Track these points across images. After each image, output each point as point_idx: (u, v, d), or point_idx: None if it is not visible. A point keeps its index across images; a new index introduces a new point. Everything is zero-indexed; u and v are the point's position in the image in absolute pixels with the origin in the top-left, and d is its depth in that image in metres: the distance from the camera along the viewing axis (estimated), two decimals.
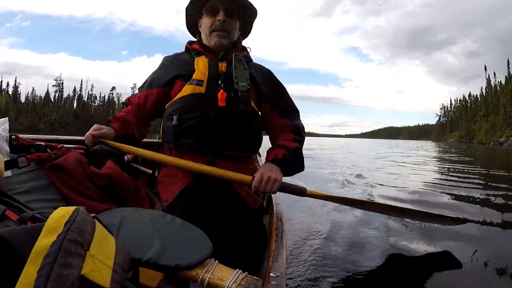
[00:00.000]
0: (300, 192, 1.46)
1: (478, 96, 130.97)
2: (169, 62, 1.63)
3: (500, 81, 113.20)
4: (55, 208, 0.54)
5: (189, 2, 1.60)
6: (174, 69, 1.55)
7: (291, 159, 1.51)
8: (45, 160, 1.44)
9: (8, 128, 1.36)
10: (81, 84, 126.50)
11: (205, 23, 1.56)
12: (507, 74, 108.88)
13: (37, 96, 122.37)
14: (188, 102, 1.45)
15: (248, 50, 1.71)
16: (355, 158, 12.31)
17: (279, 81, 1.72)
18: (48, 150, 1.54)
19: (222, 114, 1.41)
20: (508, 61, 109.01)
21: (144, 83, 1.66)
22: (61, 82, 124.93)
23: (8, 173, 1.18)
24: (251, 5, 1.58)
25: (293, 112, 1.69)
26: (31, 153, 1.43)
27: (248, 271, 0.86)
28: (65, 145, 1.68)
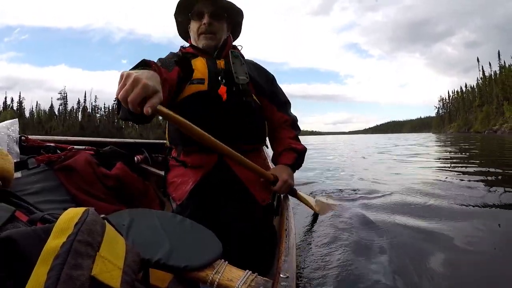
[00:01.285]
0: (292, 192, 1.76)
1: (475, 87, 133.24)
2: (170, 57, 1.56)
3: (495, 71, 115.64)
4: (65, 209, 0.54)
5: (176, 9, 1.63)
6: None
7: (299, 162, 1.70)
8: (55, 161, 1.45)
9: (18, 129, 1.38)
10: (85, 96, 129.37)
11: (192, 27, 1.61)
12: (499, 64, 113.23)
13: (41, 110, 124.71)
14: (192, 102, 1.46)
15: (239, 48, 1.74)
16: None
17: (272, 75, 1.78)
18: (58, 151, 1.55)
19: (227, 108, 1.46)
20: (498, 52, 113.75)
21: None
22: (65, 95, 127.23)
23: (18, 174, 1.19)
24: (235, 6, 1.60)
25: (287, 104, 1.79)
26: (41, 154, 1.44)
27: (258, 272, 0.86)
28: (74, 147, 1.69)
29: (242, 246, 1.25)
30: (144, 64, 1.12)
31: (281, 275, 0.82)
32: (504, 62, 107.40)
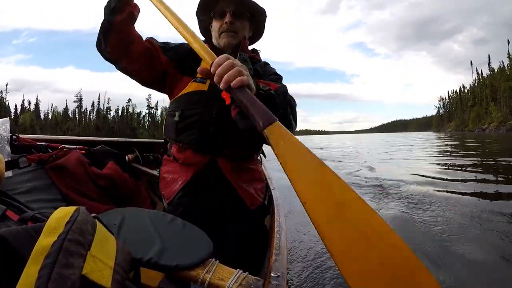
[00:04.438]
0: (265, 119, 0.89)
1: (473, 87, 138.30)
2: (189, 50, 1.50)
3: (494, 69, 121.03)
4: (56, 208, 0.54)
5: (197, 8, 1.63)
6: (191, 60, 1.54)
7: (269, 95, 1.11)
8: (46, 161, 1.44)
9: (9, 128, 1.36)
10: (99, 98, 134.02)
11: (214, 26, 1.60)
12: (489, 68, 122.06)
13: (55, 111, 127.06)
14: (190, 99, 1.48)
15: (259, 51, 1.74)
16: None
17: (280, 75, 1.68)
18: (49, 151, 1.54)
19: (224, 112, 1.39)
20: (489, 56, 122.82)
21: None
22: (81, 97, 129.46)
23: (9, 174, 1.18)
24: (257, 6, 1.59)
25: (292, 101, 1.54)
26: (32, 153, 1.43)
27: (249, 271, 0.86)
28: (66, 146, 1.68)
29: (233, 245, 1.25)
30: None
31: (272, 274, 0.83)
32: (503, 62, 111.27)
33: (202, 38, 1.69)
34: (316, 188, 0.73)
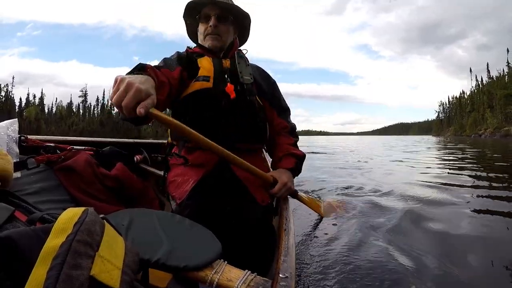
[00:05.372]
0: (293, 194, 1.77)
1: (472, 93, 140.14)
2: (175, 57, 1.63)
3: (493, 77, 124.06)
4: (64, 209, 0.54)
5: (184, 12, 1.71)
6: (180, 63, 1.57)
7: (299, 168, 1.72)
8: (54, 162, 1.45)
9: (17, 129, 1.37)
10: (104, 93, 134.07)
11: (200, 29, 1.70)
12: (487, 75, 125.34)
13: (59, 105, 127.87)
14: (197, 97, 1.51)
15: (244, 52, 1.80)
16: None
17: (273, 80, 1.85)
18: (58, 152, 1.55)
19: (232, 106, 1.51)
20: (487, 64, 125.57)
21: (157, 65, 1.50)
22: (86, 92, 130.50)
23: (17, 174, 1.18)
24: (241, 10, 1.68)
25: (287, 111, 1.84)
26: (40, 154, 1.44)
27: (258, 272, 0.86)
28: (74, 147, 1.69)
29: (242, 246, 1.25)
30: (140, 68, 1.18)
31: (280, 275, 0.82)
32: (503, 70, 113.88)
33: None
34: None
